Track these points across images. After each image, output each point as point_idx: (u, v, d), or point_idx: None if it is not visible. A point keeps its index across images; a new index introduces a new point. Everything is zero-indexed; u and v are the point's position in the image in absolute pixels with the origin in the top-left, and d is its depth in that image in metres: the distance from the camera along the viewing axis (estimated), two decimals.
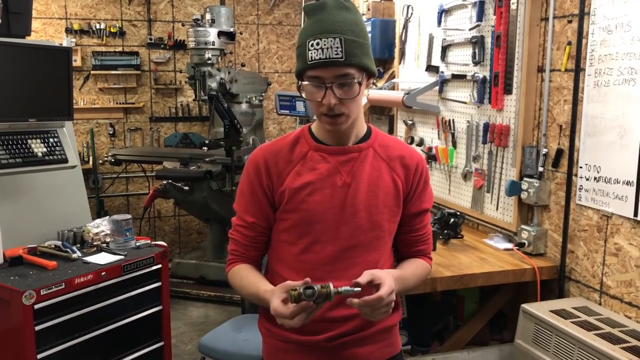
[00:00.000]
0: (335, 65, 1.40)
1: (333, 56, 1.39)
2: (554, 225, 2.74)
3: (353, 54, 1.41)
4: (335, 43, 1.39)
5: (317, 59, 1.39)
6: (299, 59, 1.46)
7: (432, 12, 3.52)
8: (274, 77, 5.89)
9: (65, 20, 5.21)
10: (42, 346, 2.39)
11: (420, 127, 3.78)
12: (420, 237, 1.65)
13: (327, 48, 1.38)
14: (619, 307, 2.39)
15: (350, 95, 1.44)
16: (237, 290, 1.60)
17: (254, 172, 1.57)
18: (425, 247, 1.67)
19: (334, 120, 1.46)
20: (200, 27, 4.69)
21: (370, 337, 1.57)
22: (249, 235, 1.59)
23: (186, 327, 4.22)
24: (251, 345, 2.66)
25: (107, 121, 5.43)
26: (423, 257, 1.67)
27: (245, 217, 1.58)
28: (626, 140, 2.32)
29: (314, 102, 1.46)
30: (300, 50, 1.44)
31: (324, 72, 1.40)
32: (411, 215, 1.60)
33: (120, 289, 2.69)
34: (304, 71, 1.43)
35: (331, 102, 1.42)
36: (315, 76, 1.42)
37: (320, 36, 1.39)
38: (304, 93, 1.48)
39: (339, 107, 1.44)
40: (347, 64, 1.40)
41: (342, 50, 1.39)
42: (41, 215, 2.97)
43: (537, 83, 2.80)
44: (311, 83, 1.43)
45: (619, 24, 2.34)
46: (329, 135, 1.55)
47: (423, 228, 1.65)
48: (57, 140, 2.92)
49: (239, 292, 1.60)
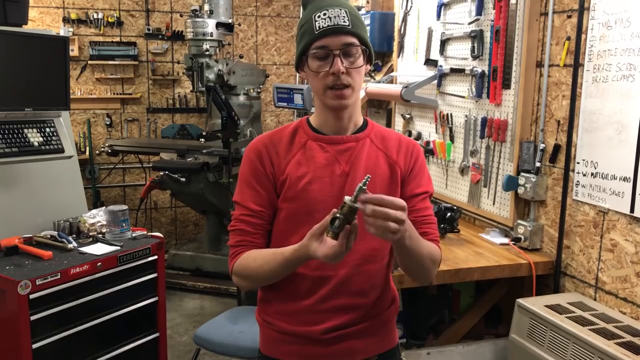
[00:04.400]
0: (342, 33, 1.45)
1: (341, 23, 1.45)
2: (551, 220, 2.75)
3: (358, 27, 1.48)
4: (341, 13, 1.46)
5: (325, 27, 1.45)
6: (304, 36, 1.48)
7: (432, 5, 3.51)
8: (272, 69, 5.87)
9: (62, 10, 5.19)
10: (37, 336, 2.39)
11: (418, 121, 3.78)
12: (423, 219, 1.58)
13: (335, 17, 1.45)
14: (614, 303, 2.40)
15: (355, 65, 1.47)
16: (253, 274, 1.51)
17: (256, 158, 1.55)
18: (430, 229, 1.59)
19: (340, 92, 1.47)
20: (199, 17, 4.67)
21: (366, 330, 1.57)
22: (256, 224, 1.55)
23: (182, 319, 4.23)
24: (247, 337, 2.67)
25: (104, 111, 5.41)
26: (430, 241, 1.55)
27: (250, 205, 1.55)
28: (624, 137, 2.32)
29: (319, 76, 1.47)
30: (306, 26, 1.48)
31: (332, 40, 1.45)
32: (409, 197, 1.58)
33: (116, 279, 2.69)
34: (311, 44, 1.46)
35: (340, 68, 1.44)
36: (323, 45, 1.45)
37: (327, 7, 1.46)
38: (310, 67, 1.48)
39: (346, 77, 1.46)
40: (353, 33, 1.46)
41: (348, 20, 1.46)
42: (37, 205, 2.96)
43: (535, 78, 2.80)
44: (318, 53, 1.46)
45: (618, 19, 2.33)
46: (328, 123, 1.55)
47: (424, 210, 1.59)
48: (54, 130, 2.91)
49: (257, 275, 1.50)
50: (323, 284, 1.52)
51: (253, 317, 1.72)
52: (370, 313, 1.56)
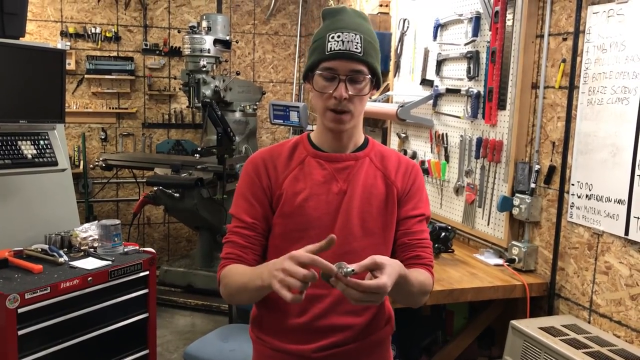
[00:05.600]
0: (352, 59, 1.44)
1: (353, 49, 1.44)
2: (545, 242, 2.74)
3: (370, 54, 1.47)
4: (355, 38, 1.45)
5: (336, 50, 1.44)
6: (314, 53, 1.48)
7: (428, 26, 3.54)
8: (269, 87, 5.89)
9: (60, 24, 5.20)
10: (24, 351, 2.35)
11: (413, 140, 3.78)
12: (417, 242, 1.57)
13: (348, 41, 1.44)
14: (608, 326, 2.39)
15: (360, 93, 1.47)
16: (232, 287, 1.47)
17: (254, 172, 1.55)
18: (424, 253, 1.57)
19: (339, 116, 1.47)
20: (196, 34, 4.69)
21: (361, 350, 1.55)
22: (249, 235, 1.54)
23: (172, 336, 4.18)
24: (237, 356, 2.63)
25: (99, 126, 5.40)
26: (423, 267, 1.56)
27: (244, 217, 1.54)
28: (618, 159, 2.33)
29: (322, 96, 1.47)
30: (318, 43, 1.47)
31: (341, 64, 1.44)
32: (405, 218, 1.57)
33: (107, 294, 2.66)
34: (320, 62, 1.46)
35: (342, 94, 1.43)
36: (331, 67, 1.45)
37: (342, 30, 1.45)
38: (315, 85, 1.48)
39: (347, 103, 1.45)
40: (364, 61, 1.45)
41: (361, 46, 1.45)
42: (29, 218, 2.94)
43: (531, 99, 2.81)
44: (325, 74, 1.46)
45: (613, 42, 2.35)
46: (328, 141, 1.55)
47: (420, 233, 1.58)
48: (48, 142, 2.90)
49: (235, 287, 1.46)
50: (317, 302, 1.50)
51: (244, 335, 1.70)
52: (364, 332, 1.55)
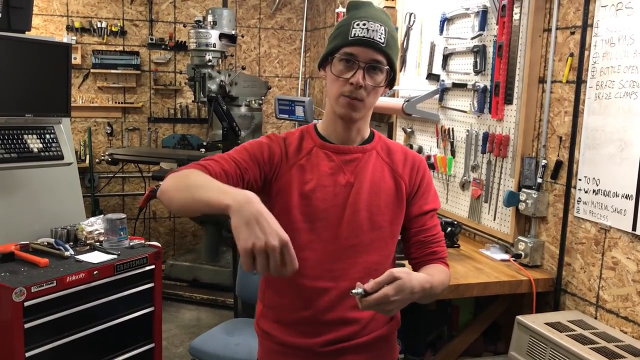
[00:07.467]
0: (375, 48, 1.45)
1: (376, 38, 1.45)
2: (551, 237, 2.73)
3: (391, 48, 1.48)
4: (380, 29, 1.46)
5: (360, 36, 1.44)
6: (336, 38, 1.49)
7: (435, 20, 3.52)
8: (274, 81, 5.88)
9: (66, 18, 5.20)
10: (31, 344, 2.36)
11: (419, 135, 3.77)
12: (432, 238, 1.58)
13: (373, 30, 1.45)
14: (615, 322, 2.38)
15: (376, 83, 1.47)
16: (181, 181, 1.37)
17: (269, 144, 1.52)
18: (439, 249, 1.59)
19: (352, 102, 1.46)
20: (202, 28, 4.68)
21: (367, 345, 1.55)
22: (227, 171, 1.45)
23: (178, 330, 4.19)
24: (243, 350, 2.64)
25: (105, 120, 5.41)
26: (440, 262, 1.58)
27: (224, 165, 1.45)
28: (626, 154, 2.31)
29: (337, 81, 1.47)
30: (342, 29, 1.48)
31: (362, 50, 1.44)
32: (417, 215, 1.58)
33: (112, 288, 2.67)
34: (341, 47, 1.46)
35: (359, 81, 1.44)
36: (352, 53, 1.45)
37: (369, 19, 1.46)
38: (333, 69, 1.48)
39: (362, 91, 1.45)
40: (385, 52, 1.46)
41: (385, 38, 1.46)
42: (35, 212, 2.95)
43: (538, 94, 2.79)
44: (345, 59, 1.46)
45: (621, 36, 2.33)
46: (336, 132, 1.55)
47: (434, 228, 1.60)
48: (54, 136, 2.90)
49: (184, 183, 1.36)
50: (323, 295, 1.50)
51: (249, 329, 1.70)
52: (370, 327, 1.54)
